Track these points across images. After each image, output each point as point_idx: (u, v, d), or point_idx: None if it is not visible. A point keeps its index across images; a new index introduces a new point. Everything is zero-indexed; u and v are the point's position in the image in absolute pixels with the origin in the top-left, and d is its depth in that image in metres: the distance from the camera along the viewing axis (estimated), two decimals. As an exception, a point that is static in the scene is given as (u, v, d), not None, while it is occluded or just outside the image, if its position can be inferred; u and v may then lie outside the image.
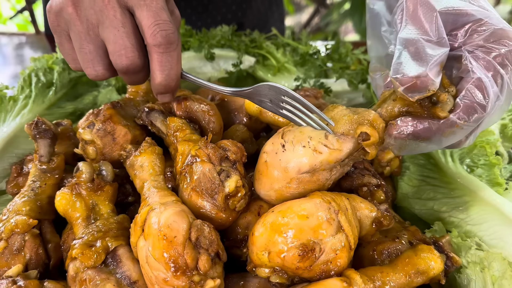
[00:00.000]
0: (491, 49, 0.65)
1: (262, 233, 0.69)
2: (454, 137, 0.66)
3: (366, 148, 0.70)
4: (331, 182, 0.75)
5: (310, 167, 0.70)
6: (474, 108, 0.63)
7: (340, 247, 0.68)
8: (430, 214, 0.92)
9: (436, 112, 0.65)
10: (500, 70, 0.64)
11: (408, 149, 0.69)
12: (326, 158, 0.69)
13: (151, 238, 0.68)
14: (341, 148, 0.69)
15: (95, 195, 0.83)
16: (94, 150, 0.91)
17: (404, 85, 0.64)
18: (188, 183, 0.78)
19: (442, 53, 0.63)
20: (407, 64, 0.64)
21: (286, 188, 0.73)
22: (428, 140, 0.67)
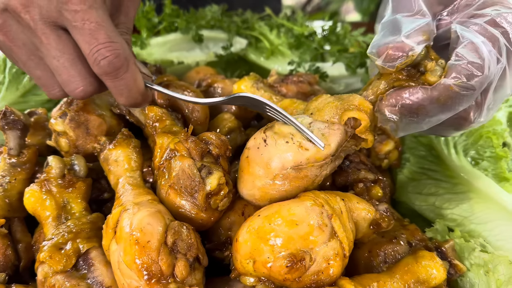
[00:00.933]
0: (483, 15, 0.61)
1: (246, 240, 0.63)
2: (454, 105, 0.60)
3: (361, 135, 0.65)
4: (321, 178, 0.68)
5: (295, 164, 0.64)
6: (468, 68, 0.57)
7: (333, 255, 0.62)
8: (431, 210, 0.85)
9: (426, 78, 0.60)
10: (494, 31, 0.59)
11: (407, 127, 0.64)
12: (313, 155, 0.63)
13: (123, 243, 0.63)
14: (329, 142, 0.63)
15: (66, 192, 0.77)
16: (66, 142, 0.84)
17: (380, 56, 0.61)
18: (166, 180, 0.71)
19: (422, 23, 0.60)
20: (383, 37, 0.62)
21: (270, 186, 0.66)
22: (424, 112, 0.61)
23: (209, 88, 1.03)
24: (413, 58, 0.59)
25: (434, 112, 0.61)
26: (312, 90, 1.03)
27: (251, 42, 1.33)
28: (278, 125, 0.67)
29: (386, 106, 0.62)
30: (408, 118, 0.62)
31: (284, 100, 0.94)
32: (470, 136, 0.91)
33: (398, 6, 0.64)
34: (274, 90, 1.02)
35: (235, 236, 0.67)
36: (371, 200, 0.73)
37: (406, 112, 0.61)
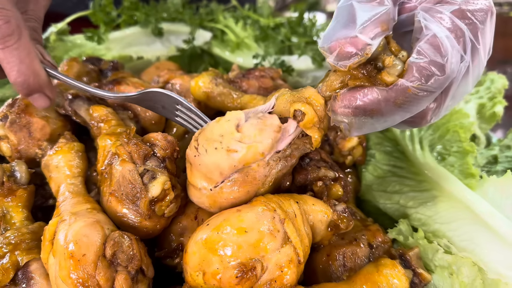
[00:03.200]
0: (449, 2, 0.55)
1: (195, 251, 0.59)
2: (412, 108, 0.55)
3: (306, 131, 0.60)
4: (272, 178, 0.64)
5: (230, 169, 0.59)
6: (429, 69, 0.52)
7: (287, 262, 0.58)
8: (396, 209, 0.82)
9: (383, 78, 0.55)
10: (460, 24, 0.54)
11: (361, 128, 0.59)
12: (243, 156, 0.59)
13: (58, 256, 0.59)
14: (259, 139, 0.59)
15: (5, 201, 0.72)
16: (8, 147, 0.78)
17: (332, 52, 0.55)
18: (108, 186, 0.67)
19: (380, 12, 0.53)
20: (335, 30, 0.55)
21: (218, 194, 0.62)
22: (379, 114, 0.56)
23: (166, 85, 0.98)
24: (367, 56, 0.53)
25: (389, 113, 0.56)
26: (274, 85, 0.99)
27: (216, 35, 1.27)
28: (209, 127, 0.63)
29: (339, 107, 0.57)
30: (362, 119, 0.57)
31: (244, 96, 0.90)
32: (436, 130, 0.88)
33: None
34: (235, 86, 0.97)
35: (185, 247, 0.63)
36: (330, 201, 0.69)
37: (360, 114, 0.56)
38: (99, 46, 1.17)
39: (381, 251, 0.72)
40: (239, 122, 0.61)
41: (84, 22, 1.24)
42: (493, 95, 1.03)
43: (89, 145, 0.82)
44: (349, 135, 0.61)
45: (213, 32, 1.28)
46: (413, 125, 0.62)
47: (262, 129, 0.59)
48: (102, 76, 1.03)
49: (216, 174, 0.60)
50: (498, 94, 1.03)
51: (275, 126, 0.60)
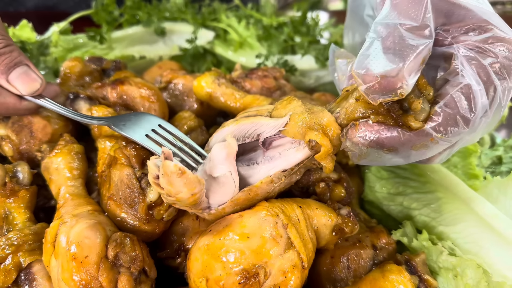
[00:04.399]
0: (489, 52, 0.52)
1: (197, 257, 0.59)
2: (426, 152, 0.54)
3: (320, 161, 0.58)
4: (275, 192, 0.64)
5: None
6: (456, 121, 0.51)
7: (290, 267, 0.58)
8: (399, 211, 0.81)
9: (408, 121, 0.53)
10: (495, 80, 0.52)
11: (369, 159, 0.58)
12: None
13: (60, 258, 0.59)
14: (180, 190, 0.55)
15: (7, 202, 0.71)
16: (10, 147, 0.78)
17: (366, 83, 0.51)
18: (107, 190, 0.67)
19: (424, 46, 0.50)
20: (376, 57, 0.51)
21: (220, 213, 0.62)
22: (394, 152, 0.54)
23: (169, 85, 0.97)
24: (402, 97, 0.51)
25: (404, 153, 0.55)
26: (277, 84, 0.98)
27: (218, 34, 1.27)
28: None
29: (357, 136, 0.55)
30: (375, 152, 0.55)
31: (247, 96, 0.90)
32: (440, 130, 0.87)
33: (399, 5, 0.53)
34: (238, 86, 0.96)
35: (188, 253, 0.62)
36: (334, 204, 0.69)
37: (375, 148, 0.55)
38: (102, 45, 1.17)
39: (385, 253, 0.72)
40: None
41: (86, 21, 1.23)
42: (497, 95, 1.02)
43: (90, 145, 0.82)
44: (355, 162, 0.59)
45: (216, 31, 1.27)
46: (418, 163, 0.61)
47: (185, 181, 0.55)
48: (104, 75, 1.03)
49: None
50: (503, 94, 1.03)
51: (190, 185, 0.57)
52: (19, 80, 0.71)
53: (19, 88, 0.71)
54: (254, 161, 0.65)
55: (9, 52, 0.71)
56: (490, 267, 0.66)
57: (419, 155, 0.55)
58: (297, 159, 0.61)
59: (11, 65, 0.70)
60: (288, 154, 0.62)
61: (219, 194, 0.61)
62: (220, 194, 0.61)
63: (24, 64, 0.72)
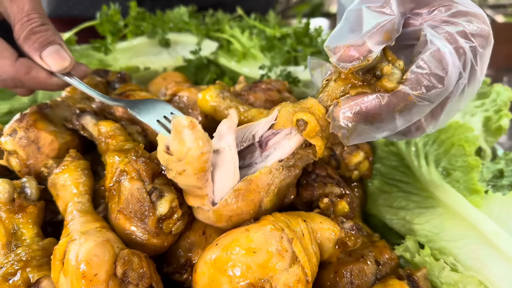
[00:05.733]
0: (455, 23, 0.58)
1: (204, 271, 0.59)
2: (411, 116, 0.58)
3: (309, 140, 0.62)
4: (276, 186, 0.65)
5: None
6: (429, 79, 0.55)
7: (295, 282, 0.59)
8: (402, 225, 0.82)
9: (383, 85, 0.58)
10: (463, 44, 0.57)
11: (360, 135, 0.61)
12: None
13: (70, 276, 0.59)
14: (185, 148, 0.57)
15: (16, 217, 0.72)
16: (17, 162, 0.79)
17: (336, 53, 0.58)
18: (116, 203, 0.67)
19: (385, 21, 0.57)
20: (344, 34, 0.58)
21: (223, 207, 0.62)
22: (380, 120, 0.58)
23: (174, 98, 0.98)
24: (368, 62, 0.57)
25: (389, 121, 0.58)
26: (281, 97, 0.99)
27: (222, 44, 1.28)
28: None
29: (340, 113, 0.59)
30: (362, 126, 0.59)
31: (251, 110, 0.91)
32: (441, 145, 0.88)
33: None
34: (242, 99, 0.97)
35: (194, 266, 0.63)
36: (337, 218, 0.70)
37: (361, 120, 0.58)
38: (106, 56, 1.18)
39: (388, 268, 0.73)
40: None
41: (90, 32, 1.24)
42: (499, 107, 1.03)
43: (96, 158, 0.83)
44: (347, 143, 0.61)
45: (219, 42, 1.29)
46: (409, 135, 0.65)
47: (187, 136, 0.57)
48: (109, 88, 1.04)
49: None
50: (504, 106, 1.04)
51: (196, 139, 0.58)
52: (51, 57, 0.77)
53: (51, 64, 0.77)
54: (253, 162, 0.67)
55: (44, 31, 0.77)
56: (491, 284, 0.67)
57: (404, 121, 0.58)
58: (291, 147, 0.64)
59: (44, 43, 0.76)
60: (282, 145, 0.65)
61: (221, 175, 0.62)
62: (221, 176, 0.62)
63: (57, 43, 0.78)
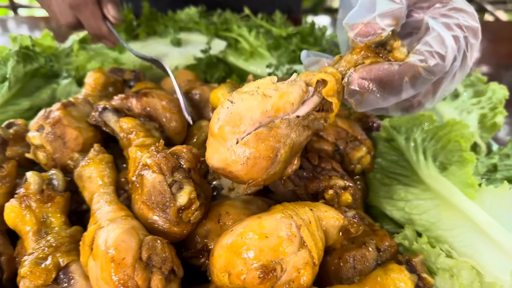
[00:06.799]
0: (452, 17, 0.68)
1: (221, 254, 0.65)
2: (416, 85, 0.67)
3: (327, 98, 0.68)
4: (292, 141, 0.68)
5: (262, 113, 0.65)
6: (433, 55, 0.65)
7: (303, 264, 0.65)
8: (401, 215, 0.88)
9: (394, 55, 0.66)
10: (458, 33, 0.67)
11: (370, 102, 0.69)
12: (276, 101, 0.65)
13: (99, 260, 0.65)
14: (291, 90, 0.66)
15: (45, 207, 0.78)
16: (44, 155, 0.85)
17: (354, 29, 0.67)
18: (139, 195, 0.73)
19: (395, 7, 0.66)
20: (361, 14, 0.67)
21: (243, 147, 0.64)
22: (390, 88, 0.66)
23: (188, 95, 1.04)
24: (382, 38, 0.65)
25: (398, 89, 0.67)
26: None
27: (230, 43, 1.33)
28: (246, 85, 0.69)
29: (358, 78, 0.67)
30: (374, 92, 0.67)
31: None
32: (439, 141, 0.94)
33: None
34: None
35: (211, 251, 0.69)
36: (341, 208, 0.76)
37: (375, 86, 0.66)
38: (121, 55, 1.23)
39: (388, 255, 0.79)
40: (273, 80, 0.68)
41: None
42: (494, 105, 1.09)
43: (116, 152, 0.88)
44: (359, 109, 0.70)
45: (228, 40, 1.34)
46: (411, 110, 0.75)
47: (294, 84, 0.67)
48: (125, 85, 1.10)
49: (247, 121, 0.64)
50: (499, 104, 1.09)
51: (303, 86, 0.67)
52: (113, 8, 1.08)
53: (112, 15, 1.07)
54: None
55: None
56: (483, 268, 0.73)
57: (411, 90, 0.67)
58: (308, 106, 0.69)
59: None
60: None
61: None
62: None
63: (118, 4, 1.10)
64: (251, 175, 0.66)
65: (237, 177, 0.66)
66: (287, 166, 0.72)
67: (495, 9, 5.40)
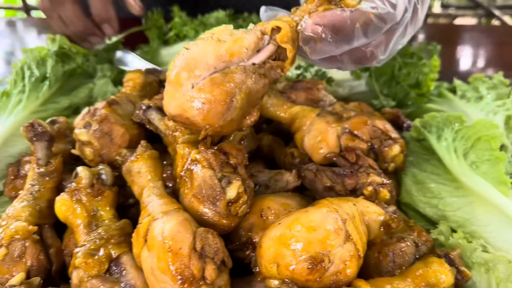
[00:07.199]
0: None
1: (269, 246, 0.68)
2: (368, 33, 0.68)
3: (281, 44, 0.68)
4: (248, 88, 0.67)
5: (216, 58, 0.64)
6: (384, 3, 0.67)
7: (349, 256, 0.68)
8: (435, 212, 0.91)
9: (346, 2, 0.68)
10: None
11: (323, 49, 0.69)
12: (230, 46, 0.65)
13: (155, 250, 0.67)
14: (245, 36, 0.66)
15: (95, 200, 0.81)
16: (91, 151, 0.88)
17: None
18: (189, 189, 0.76)
19: None
20: None
21: (198, 92, 0.63)
22: (343, 34, 0.67)
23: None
24: None
25: (350, 35, 0.67)
26: (319, 96, 1.08)
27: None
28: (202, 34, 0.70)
29: (312, 24, 0.67)
30: (327, 38, 0.67)
31: (294, 107, 1.00)
32: (469, 140, 0.97)
33: None
34: (284, 97, 1.06)
35: (259, 242, 0.72)
36: (381, 203, 0.79)
37: (328, 32, 0.67)
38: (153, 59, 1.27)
39: (425, 249, 0.81)
40: (229, 28, 0.69)
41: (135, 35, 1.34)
42: (519, 107, 1.12)
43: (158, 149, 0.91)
44: (312, 56, 0.70)
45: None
46: (364, 62, 0.76)
47: (249, 31, 0.67)
48: (161, 86, 1.13)
49: (202, 66, 0.64)
50: (524, 106, 1.12)
51: (258, 33, 0.68)
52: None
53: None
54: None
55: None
56: (519, 262, 0.76)
57: (363, 37, 0.68)
58: (264, 53, 0.69)
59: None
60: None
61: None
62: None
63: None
64: (207, 121, 0.65)
65: (194, 123, 0.65)
66: (245, 115, 0.72)
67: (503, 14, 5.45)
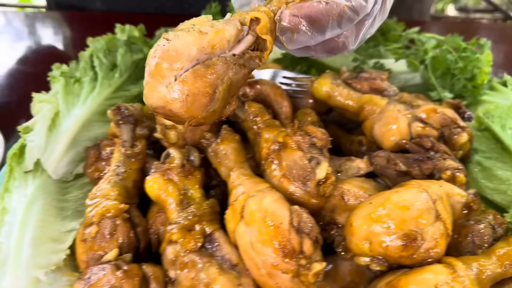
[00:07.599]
0: None
1: (361, 224, 0.71)
2: (341, 24, 0.70)
3: (261, 35, 0.68)
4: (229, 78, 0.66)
5: (199, 50, 0.62)
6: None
7: (440, 235, 0.70)
8: (503, 198, 0.93)
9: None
10: None
11: (299, 39, 0.70)
12: (212, 38, 0.62)
13: (256, 225, 0.70)
14: (227, 28, 0.65)
15: (186, 180, 0.85)
16: (176, 134, 0.92)
17: None
18: (278, 170, 0.80)
19: None
20: None
21: (181, 84, 0.61)
22: (319, 26, 0.69)
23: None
24: None
25: (325, 26, 0.69)
26: (383, 87, 1.11)
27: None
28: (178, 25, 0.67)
29: (289, 15, 0.68)
30: (304, 29, 0.69)
31: (363, 96, 1.03)
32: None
33: None
34: (349, 87, 1.10)
35: (348, 221, 0.75)
36: (461, 186, 0.82)
37: (305, 23, 0.68)
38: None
39: (501, 231, 0.84)
40: (208, 18, 0.67)
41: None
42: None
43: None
44: (289, 46, 0.71)
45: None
46: (336, 51, 0.78)
47: (229, 23, 0.65)
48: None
49: (184, 57, 0.62)
50: None
51: (238, 24, 0.67)
52: None
53: None
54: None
55: None
56: None
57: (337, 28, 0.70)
58: (244, 44, 0.68)
59: None
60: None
61: None
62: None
63: None
64: (191, 113, 0.64)
65: (177, 115, 0.64)
66: (226, 105, 0.71)
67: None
